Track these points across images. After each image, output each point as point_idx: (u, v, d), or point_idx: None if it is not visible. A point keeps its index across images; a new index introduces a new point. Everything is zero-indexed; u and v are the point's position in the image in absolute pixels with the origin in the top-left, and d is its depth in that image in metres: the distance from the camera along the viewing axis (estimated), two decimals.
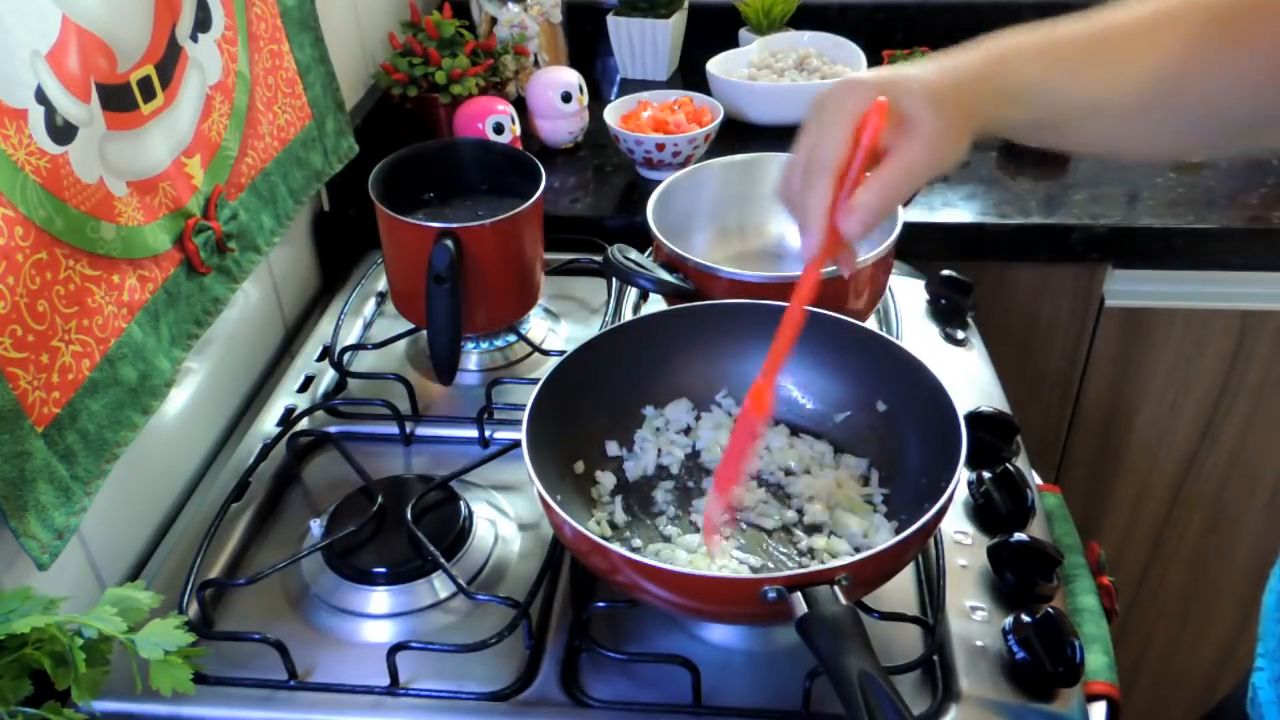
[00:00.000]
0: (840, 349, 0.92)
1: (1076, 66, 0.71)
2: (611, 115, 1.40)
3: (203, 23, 0.94)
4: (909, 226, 1.03)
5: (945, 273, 1.18)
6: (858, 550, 0.82)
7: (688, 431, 0.95)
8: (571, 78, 1.46)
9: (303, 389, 1.10)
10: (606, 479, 0.90)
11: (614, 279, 1.20)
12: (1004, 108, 0.72)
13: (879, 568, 0.75)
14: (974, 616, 0.81)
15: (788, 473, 0.91)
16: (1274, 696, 0.82)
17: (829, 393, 0.94)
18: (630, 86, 1.68)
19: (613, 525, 0.87)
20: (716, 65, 1.55)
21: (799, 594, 0.67)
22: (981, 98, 0.71)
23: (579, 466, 0.90)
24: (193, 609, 0.84)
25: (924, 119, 0.69)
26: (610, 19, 1.68)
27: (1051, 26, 0.72)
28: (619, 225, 1.33)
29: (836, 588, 0.67)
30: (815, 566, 0.69)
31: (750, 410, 0.79)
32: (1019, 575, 0.83)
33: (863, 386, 0.91)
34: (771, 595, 0.67)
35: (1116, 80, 0.71)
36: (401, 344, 1.15)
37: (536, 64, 1.59)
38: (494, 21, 1.56)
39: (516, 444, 0.80)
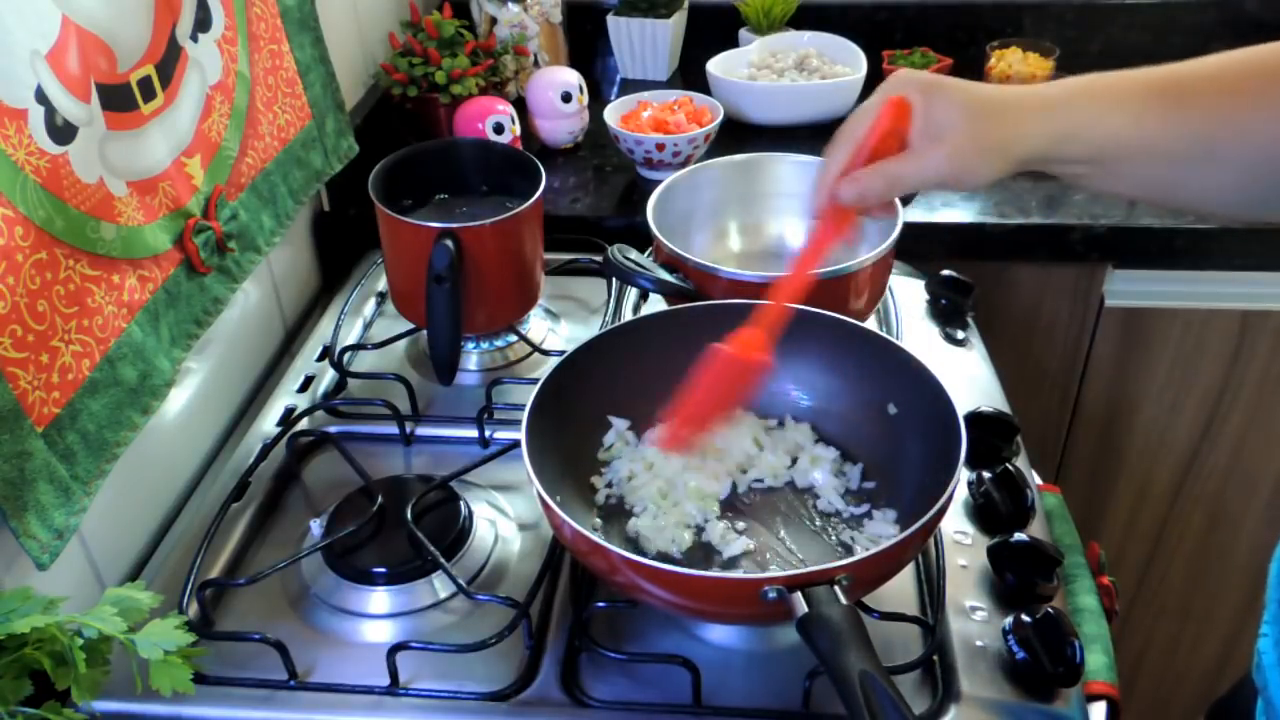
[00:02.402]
0: (840, 349, 0.92)
1: (1134, 108, 0.70)
2: (611, 115, 1.40)
3: (203, 23, 0.94)
4: (909, 226, 1.03)
5: (945, 273, 1.18)
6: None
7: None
8: (571, 78, 1.46)
9: (303, 389, 1.10)
10: (606, 479, 0.90)
11: (614, 279, 1.20)
12: (1056, 143, 0.71)
13: (879, 568, 0.75)
14: (974, 616, 0.81)
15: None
16: (1278, 660, 0.82)
17: (829, 392, 0.94)
18: (630, 86, 1.68)
19: (605, 518, 0.87)
20: (716, 65, 1.55)
21: (799, 594, 0.67)
22: (1031, 128, 0.71)
23: (579, 467, 0.90)
24: (193, 609, 0.84)
25: (954, 129, 0.71)
26: (610, 19, 1.68)
27: (1119, 73, 0.72)
28: (619, 225, 1.33)
29: (836, 588, 0.67)
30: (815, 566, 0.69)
31: (737, 356, 0.81)
32: (1019, 575, 0.83)
33: (863, 386, 0.91)
34: (771, 595, 0.67)
35: (1174, 124, 0.70)
36: (401, 344, 1.15)
37: (536, 64, 1.59)
38: (494, 21, 1.57)
39: (516, 444, 0.80)
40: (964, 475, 0.87)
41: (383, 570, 0.86)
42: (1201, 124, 0.69)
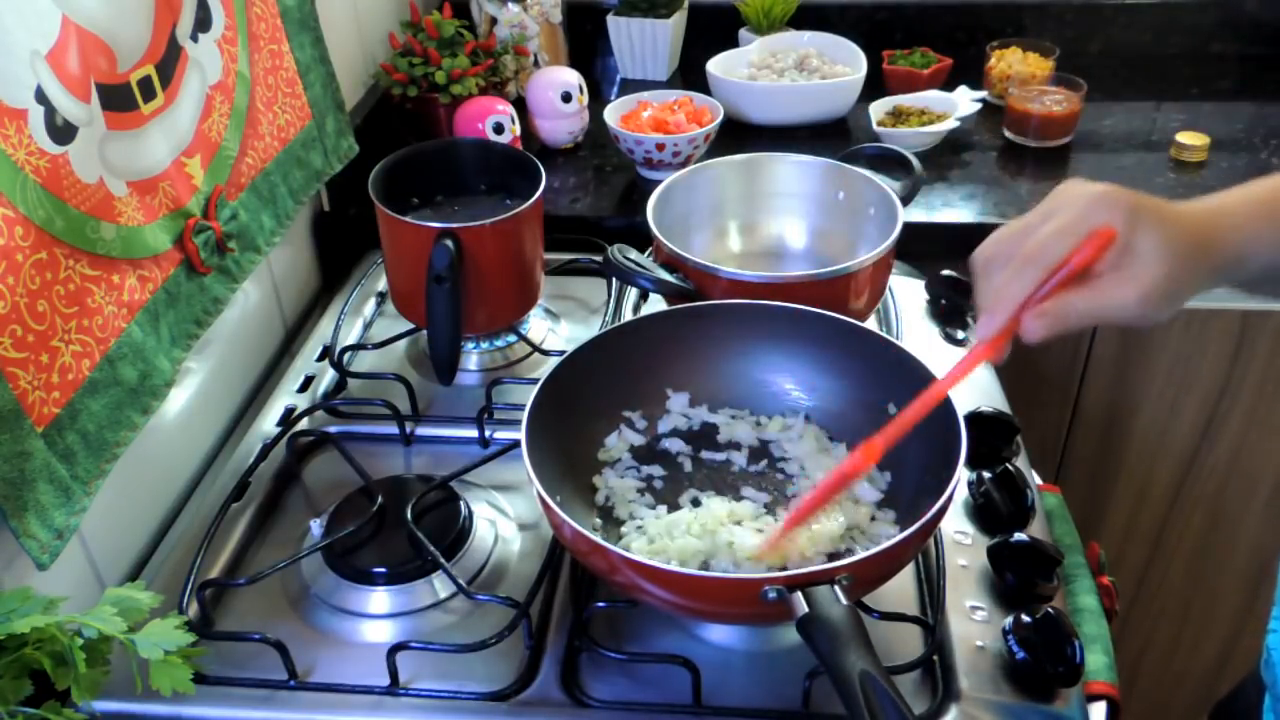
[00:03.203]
0: (840, 349, 0.92)
1: None
2: (611, 115, 1.40)
3: (203, 23, 0.94)
4: (909, 227, 1.03)
5: (945, 273, 1.18)
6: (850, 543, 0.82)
7: (687, 430, 0.95)
8: (571, 78, 1.46)
9: (303, 389, 1.10)
10: (606, 478, 0.90)
11: (614, 279, 1.20)
12: (1233, 270, 0.69)
13: (879, 568, 0.75)
14: (974, 616, 0.81)
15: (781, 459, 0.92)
16: None
17: (829, 392, 0.94)
18: (630, 86, 1.68)
19: (605, 518, 0.87)
20: (716, 65, 1.55)
21: (799, 594, 0.67)
22: (1214, 263, 0.68)
23: (579, 467, 0.90)
24: (193, 609, 0.84)
25: (1152, 267, 0.65)
26: (610, 19, 1.68)
27: (1271, 181, 0.70)
28: (619, 225, 1.33)
29: (837, 588, 0.67)
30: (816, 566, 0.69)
31: (854, 463, 0.76)
32: (1019, 575, 0.83)
33: (863, 386, 0.91)
34: (771, 595, 0.67)
35: None
36: (401, 344, 1.15)
37: (536, 64, 1.59)
38: (494, 21, 1.57)
39: (516, 444, 0.80)
40: (964, 475, 0.87)
41: (383, 570, 0.86)
42: None
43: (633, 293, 1.20)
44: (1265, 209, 0.69)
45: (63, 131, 0.75)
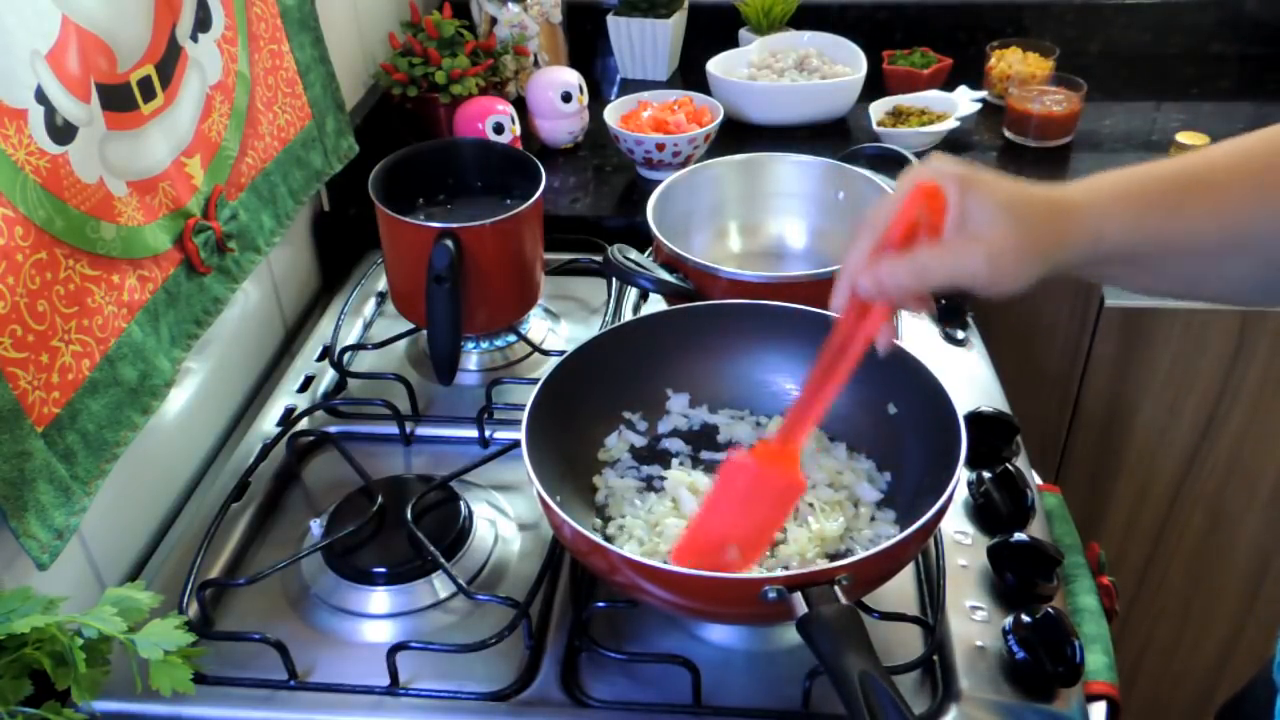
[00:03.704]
0: None
1: (1170, 204, 0.68)
2: (611, 115, 1.40)
3: (203, 22, 0.94)
4: None
5: None
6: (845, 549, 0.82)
7: (687, 431, 0.95)
8: (571, 78, 1.46)
9: (303, 389, 1.10)
10: (606, 478, 0.90)
11: (614, 279, 1.20)
12: (1095, 249, 0.69)
13: (879, 568, 0.75)
14: (974, 616, 0.81)
15: None
16: None
17: None
18: (630, 86, 1.68)
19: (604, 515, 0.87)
20: (716, 65, 1.55)
21: (799, 594, 0.67)
22: (1070, 237, 0.68)
23: (579, 467, 0.90)
24: (193, 609, 0.84)
25: (994, 230, 0.66)
26: (610, 19, 1.68)
27: (1138, 168, 0.70)
28: (619, 225, 1.33)
29: (837, 588, 0.67)
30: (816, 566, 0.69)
31: (770, 476, 0.75)
32: (1019, 575, 0.83)
33: (863, 386, 0.91)
34: (771, 595, 0.67)
35: (1198, 224, 0.68)
36: (401, 344, 1.15)
37: (536, 64, 1.59)
38: (494, 21, 1.56)
39: (516, 444, 0.80)
40: (964, 475, 0.87)
41: (383, 570, 0.86)
42: (1233, 216, 0.67)
43: (633, 293, 1.20)
44: (1120, 188, 0.69)
45: (63, 131, 0.75)
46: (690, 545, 0.78)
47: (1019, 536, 0.85)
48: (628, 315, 1.18)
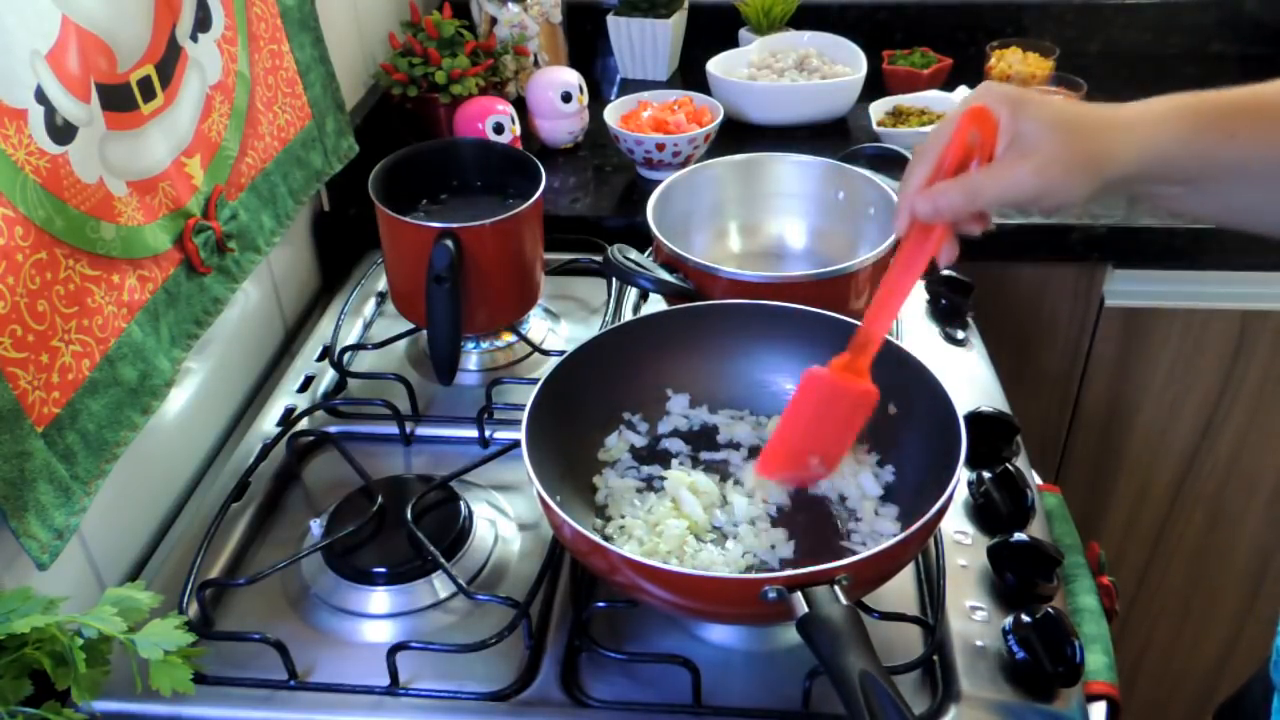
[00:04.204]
0: (840, 349, 0.91)
1: (1223, 128, 0.69)
2: (611, 115, 1.40)
3: (203, 23, 0.94)
4: None
5: (945, 272, 1.18)
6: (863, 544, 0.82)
7: (687, 431, 0.95)
8: (571, 78, 1.46)
9: (303, 389, 1.10)
10: (606, 478, 0.90)
11: (614, 279, 1.20)
12: (1148, 164, 0.70)
13: (879, 568, 0.75)
14: (974, 616, 0.81)
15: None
16: None
17: None
18: (630, 86, 1.68)
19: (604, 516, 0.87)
20: (716, 65, 1.55)
21: (799, 594, 0.67)
22: (1122, 148, 0.69)
23: (579, 467, 0.90)
24: (193, 609, 0.84)
25: (1043, 143, 0.68)
26: (610, 19, 1.68)
27: (1192, 94, 0.71)
28: (619, 225, 1.33)
29: (836, 588, 0.67)
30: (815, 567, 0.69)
31: (845, 387, 0.80)
32: (1019, 575, 0.83)
33: None
34: (771, 595, 0.67)
35: (1249, 150, 0.69)
36: (401, 344, 1.15)
37: (536, 64, 1.59)
38: (494, 21, 1.57)
39: (516, 444, 0.80)
40: (964, 475, 0.87)
41: (383, 570, 0.86)
42: None
43: (633, 293, 1.20)
44: (1174, 109, 0.71)
45: (63, 131, 0.75)
46: (772, 456, 0.85)
47: (1019, 536, 0.85)
48: (628, 315, 1.18)
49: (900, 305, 0.79)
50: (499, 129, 1.38)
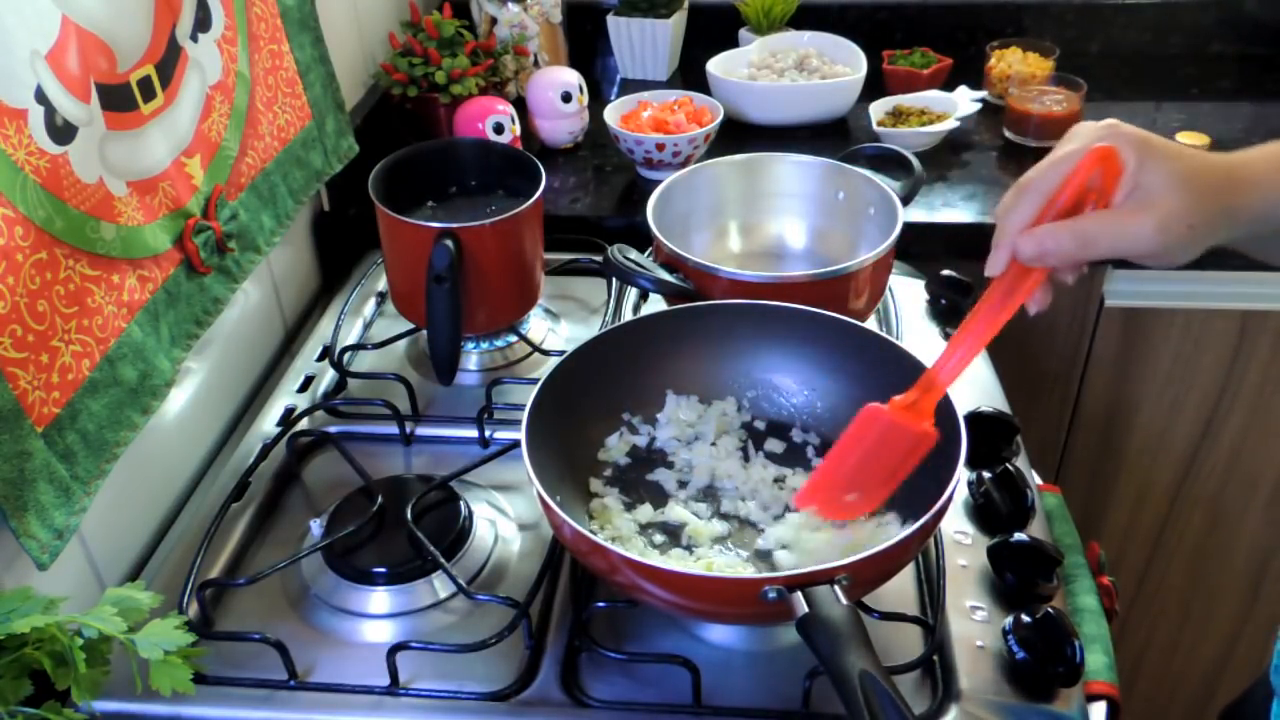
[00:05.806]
0: (840, 349, 0.92)
1: None
2: (611, 115, 1.40)
3: (203, 23, 0.94)
4: (909, 226, 1.03)
5: (945, 273, 1.18)
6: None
7: (687, 432, 0.95)
8: (571, 78, 1.46)
9: (303, 389, 1.10)
10: (605, 478, 0.90)
11: (614, 279, 1.20)
12: (1258, 224, 0.67)
13: (879, 568, 0.75)
14: (974, 616, 0.81)
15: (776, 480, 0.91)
16: None
17: (829, 392, 0.94)
18: (630, 86, 1.68)
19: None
20: (716, 65, 1.55)
21: (799, 594, 0.67)
22: (1242, 205, 0.66)
23: (579, 467, 0.90)
24: (193, 609, 0.84)
25: (1167, 198, 0.64)
26: (610, 19, 1.68)
27: None
28: (619, 225, 1.33)
29: (836, 588, 0.67)
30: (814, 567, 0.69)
31: (905, 426, 0.76)
32: (1019, 575, 0.83)
33: (863, 386, 0.91)
34: (772, 595, 0.67)
35: None
36: (401, 344, 1.15)
37: (536, 64, 1.59)
38: (494, 21, 1.56)
39: (516, 444, 0.80)
40: (964, 475, 0.87)
41: (383, 570, 0.86)
42: None
43: (633, 293, 1.20)
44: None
45: (63, 131, 0.75)
46: (814, 488, 0.82)
47: (1019, 536, 0.85)
48: (628, 315, 1.18)
49: (979, 351, 0.73)
50: (499, 129, 1.38)
